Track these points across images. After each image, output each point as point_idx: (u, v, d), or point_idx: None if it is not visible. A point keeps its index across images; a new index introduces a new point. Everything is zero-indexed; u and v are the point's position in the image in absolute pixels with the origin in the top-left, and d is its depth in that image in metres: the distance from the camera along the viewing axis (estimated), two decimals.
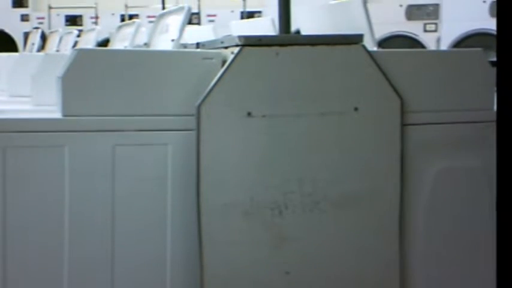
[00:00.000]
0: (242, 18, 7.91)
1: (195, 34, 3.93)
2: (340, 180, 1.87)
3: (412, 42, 7.07)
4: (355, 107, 1.87)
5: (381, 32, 6.64)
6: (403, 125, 1.91)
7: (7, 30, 9.12)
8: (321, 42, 1.86)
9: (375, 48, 2.03)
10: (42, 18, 9.02)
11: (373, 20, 2.10)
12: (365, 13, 2.10)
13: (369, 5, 2.14)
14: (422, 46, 7.00)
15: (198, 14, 7.79)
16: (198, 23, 7.53)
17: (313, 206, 1.86)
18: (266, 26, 3.52)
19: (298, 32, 2.59)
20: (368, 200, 1.89)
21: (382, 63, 1.89)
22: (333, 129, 1.86)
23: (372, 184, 1.89)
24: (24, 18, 9.17)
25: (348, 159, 1.88)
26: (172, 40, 2.23)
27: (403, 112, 1.90)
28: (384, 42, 6.72)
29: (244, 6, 8.12)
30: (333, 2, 2.34)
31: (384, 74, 1.89)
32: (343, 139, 1.87)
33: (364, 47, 1.88)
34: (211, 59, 1.87)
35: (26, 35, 7.86)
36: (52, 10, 8.92)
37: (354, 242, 1.90)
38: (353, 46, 1.88)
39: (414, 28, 7.10)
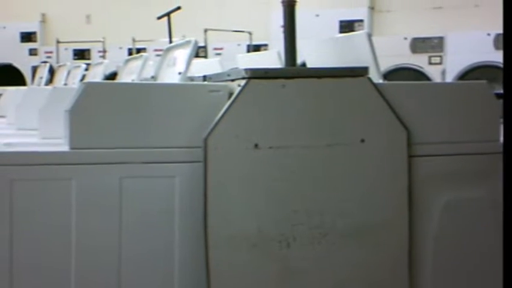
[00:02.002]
0: (248, 51, 7.96)
1: (201, 67, 3.95)
2: (348, 212, 1.87)
3: (417, 74, 7.10)
4: (361, 139, 1.87)
5: (386, 65, 6.67)
6: (410, 156, 1.91)
7: (16, 64, 9.21)
8: (326, 75, 1.88)
9: (380, 81, 2.04)
10: (51, 52, 9.11)
11: (378, 53, 2.12)
12: (370, 46, 2.12)
13: (374, 38, 2.16)
14: (427, 78, 7.02)
15: (204, 47, 7.84)
16: (205, 56, 7.58)
17: (321, 238, 1.85)
18: (272, 58, 3.55)
19: (304, 64, 2.60)
20: (376, 231, 1.88)
21: (388, 95, 1.90)
22: (339, 160, 1.86)
23: (379, 216, 1.89)
24: (33, 52, 9.27)
25: (355, 191, 1.87)
26: (179, 73, 2.25)
27: (409, 144, 1.90)
28: (389, 75, 6.74)
29: (251, 39, 8.19)
30: (338, 35, 2.36)
31: (390, 106, 1.89)
32: (350, 170, 1.87)
33: (369, 79, 1.89)
34: (218, 91, 1.88)
35: (34, 69, 7.93)
36: (60, 44, 9.01)
37: (362, 274, 1.88)
38: (358, 78, 1.89)
39: (419, 60, 7.13)
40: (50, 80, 5.83)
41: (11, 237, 1.76)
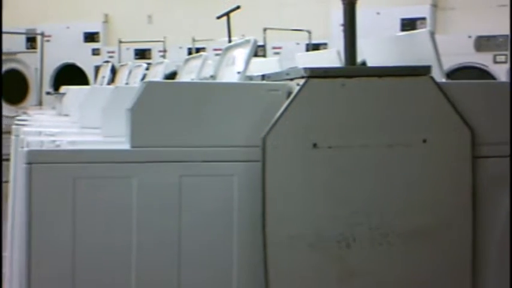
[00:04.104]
0: (307, 50, 7.93)
1: (260, 66, 3.95)
2: (409, 213, 1.83)
3: (481, 73, 6.92)
4: (423, 139, 1.83)
5: (449, 64, 6.53)
6: (474, 157, 1.86)
7: (79, 64, 9.42)
8: (388, 74, 1.84)
9: (444, 80, 2.00)
10: (113, 52, 9.28)
11: (441, 51, 2.07)
12: (433, 44, 2.08)
13: (437, 37, 2.11)
14: (492, 77, 6.84)
15: (263, 46, 7.85)
16: (264, 55, 7.58)
17: (382, 239, 1.82)
18: (331, 57, 3.52)
19: (364, 63, 2.57)
20: (439, 234, 1.84)
21: (451, 94, 1.85)
22: (400, 161, 1.83)
23: (442, 217, 1.84)
24: (95, 52, 9.46)
25: (416, 192, 1.84)
26: (238, 72, 2.25)
27: (473, 144, 1.85)
28: (452, 74, 6.60)
29: (310, 38, 8.15)
30: (400, 33, 2.32)
31: (453, 106, 1.85)
32: (412, 171, 1.83)
33: (432, 78, 1.85)
34: (277, 90, 1.88)
35: (97, 69, 8.09)
36: (122, 44, 9.18)
37: (424, 276, 1.85)
38: (421, 77, 1.85)
39: (484, 59, 6.95)
40: (112, 79, 5.93)
41: (74, 233, 1.79)
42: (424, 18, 7.66)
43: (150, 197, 1.82)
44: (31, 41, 9.68)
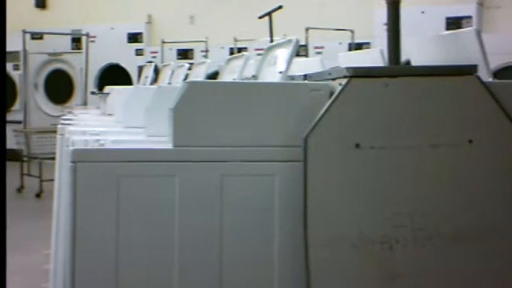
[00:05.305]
0: (350, 49, 7.88)
1: (302, 66, 3.93)
2: (454, 215, 1.80)
3: None
4: (469, 139, 1.80)
5: (495, 63, 6.40)
6: None
7: (123, 64, 9.55)
8: (432, 73, 1.82)
9: (490, 79, 1.96)
10: (156, 52, 9.38)
11: (488, 50, 2.03)
12: (479, 43, 2.03)
13: (483, 35, 2.07)
14: None
15: (305, 46, 7.83)
16: (306, 55, 7.56)
17: (426, 241, 1.79)
18: (374, 57, 3.48)
19: (408, 63, 2.53)
20: (484, 237, 1.80)
21: (498, 94, 1.81)
22: (445, 161, 1.80)
23: (488, 220, 1.81)
24: (139, 52, 9.57)
25: (462, 193, 1.80)
26: (280, 72, 2.24)
27: None
28: (499, 73, 6.47)
29: (352, 37, 8.09)
30: (445, 32, 2.28)
31: (500, 105, 1.81)
32: (457, 172, 1.80)
33: (478, 77, 1.82)
34: (319, 90, 1.87)
35: (140, 69, 8.18)
36: (165, 45, 9.27)
37: (470, 281, 1.81)
38: (466, 77, 1.82)
39: None
40: (155, 79, 5.98)
41: (117, 231, 1.81)
42: (469, 17, 7.52)
43: (192, 195, 1.83)
44: (76, 41, 9.85)
